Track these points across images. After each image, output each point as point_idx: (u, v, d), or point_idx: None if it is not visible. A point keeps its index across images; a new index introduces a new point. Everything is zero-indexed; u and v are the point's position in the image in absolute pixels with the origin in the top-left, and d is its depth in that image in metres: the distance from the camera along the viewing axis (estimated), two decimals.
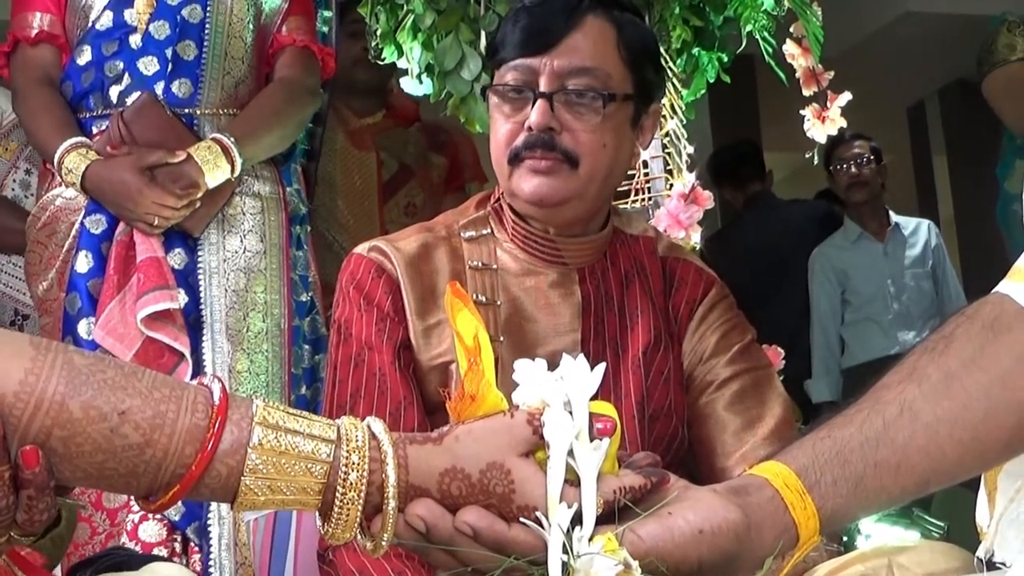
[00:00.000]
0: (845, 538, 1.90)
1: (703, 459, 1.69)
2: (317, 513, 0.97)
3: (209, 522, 2.29)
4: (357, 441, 0.95)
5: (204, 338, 2.36)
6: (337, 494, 0.94)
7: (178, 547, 2.24)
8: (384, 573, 1.49)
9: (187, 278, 2.37)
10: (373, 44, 2.54)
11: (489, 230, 1.73)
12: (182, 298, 2.33)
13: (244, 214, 2.46)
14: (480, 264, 1.70)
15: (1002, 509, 1.10)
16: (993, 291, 1.06)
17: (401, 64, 2.50)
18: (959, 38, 4.22)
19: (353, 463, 0.94)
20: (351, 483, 0.94)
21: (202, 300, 2.39)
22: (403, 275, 1.67)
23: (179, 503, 2.11)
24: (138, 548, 2.13)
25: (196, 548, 2.28)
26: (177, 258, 2.36)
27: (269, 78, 2.59)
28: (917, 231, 4.78)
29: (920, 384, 1.05)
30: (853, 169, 4.65)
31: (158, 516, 2.20)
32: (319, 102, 2.69)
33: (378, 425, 0.98)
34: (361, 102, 3.65)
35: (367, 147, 3.61)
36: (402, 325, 1.65)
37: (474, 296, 1.65)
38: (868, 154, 4.65)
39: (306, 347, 2.55)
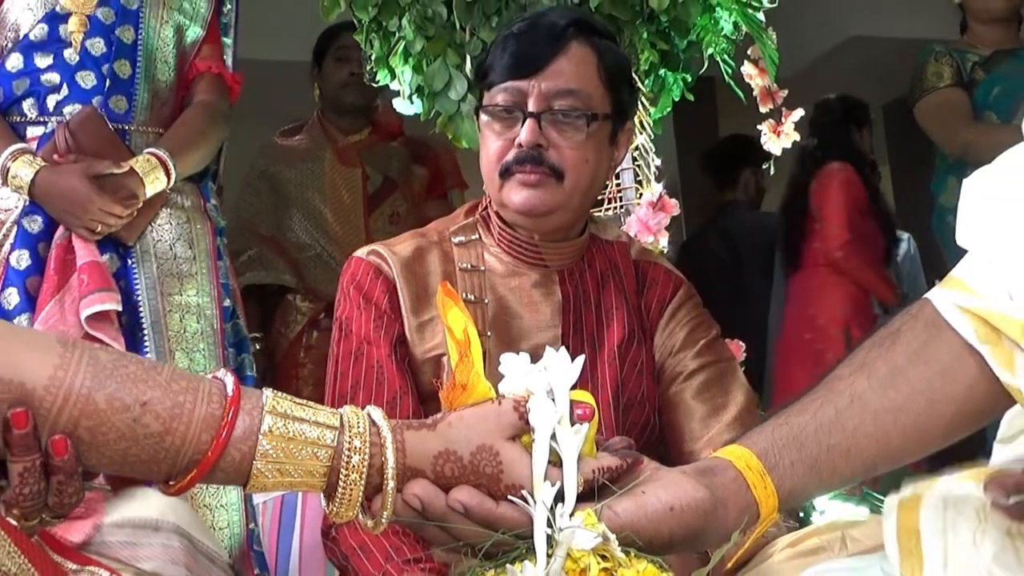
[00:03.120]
0: (801, 514, 1.91)
1: (672, 443, 1.70)
2: (322, 494, 0.96)
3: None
4: (359, 427, 0.95)
5: (146, 339, 2.31)
6: (341, 476, 0.94)
7: None
8: (382, 548, 1.48)
9: (119, 281, 2.31)
10: (368, 68, 2.53)
11: (477, 236, 1.74)
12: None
13: (171, 224, 2.41)
14: (469, 266, 1.70)
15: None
16: (930, 292, 1.07)
17: (393, 86, 2.50)
18: (900, 60, 4.22)
19: (355, 447, 0.94)
20: (354, 466, 0.94)
21: (140, 304, 2.34)
22: (399, 276, 1.67)
23: None
24: None
25: None
26: (110, 262, 2.30)
27: (185, 102, 2.55)
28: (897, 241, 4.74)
29: (869, 376, 1.06)
30: None
31: None
32: (227, 127, 2.66)
33: (377, 413, 0.98)
34: (349, 121, 3.65)
35: (353, 163, 3.61)
36: (398, 322, 1.65)
37: (463, 295, 1.65)
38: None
39: (231, 349, 2.52)
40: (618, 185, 2.48)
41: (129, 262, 2.35)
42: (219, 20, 2.64)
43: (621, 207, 2.48)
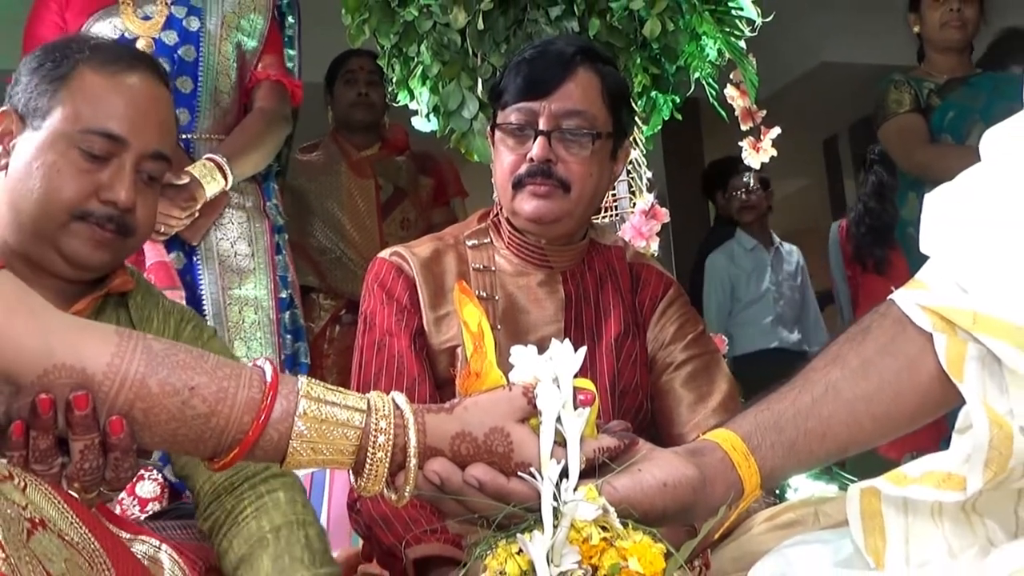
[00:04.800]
0: (778, 492, 1.91)
1: (663, 427, 1.69)
2: (350, 470, 0.96)
3: None
4: (384, 411, 0.95)
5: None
6: (368, 454, 0.94)
7: (166, 502, 2.18)
8: (402, 519, 1.49)
9: (184, 277, 2.33)
10: (389, 89, 2.53)
11: (489, 239, 1.74)
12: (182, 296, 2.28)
13: (233, 223, 2.43)
14: (481, 266, 1.71)
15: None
16: (895, 292, 1.07)
17: (412, 106, 2.50)
18: (866, 83, 4.22)
19: (381, 428, 0.94)
20: (380, 445, 0.94)
21: (203, 298, 2.35)
22: (418, 275, 1.67)
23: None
24: (135, 502, 2.08)
25: None
26: (176, 261, 2.32)
27: (248, 108, 2.55)
28: (792, 252, 4.77)
29: (842, 368, 1.06)
30: (746, 195, 4.66)
31: (153, 476, 2.11)
32: (291, 127, 2.66)
33: (401, 398, 0.97)
34: (360, 138, 3.67)
35: (367, 175, 3.62)
36: (417, 316, 1.65)
37: (476, 292, 1.65)
38: (756, 183, 4.63)
39: (287, 336, 2.52)
40: (614, 195, 2.48)
41: (194, 259, 2.37)
42: (282, 34, 2.66)
43: (617, 215, 2.48)
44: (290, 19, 2.69)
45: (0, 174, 1.42)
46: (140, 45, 2.39)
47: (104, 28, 2.42)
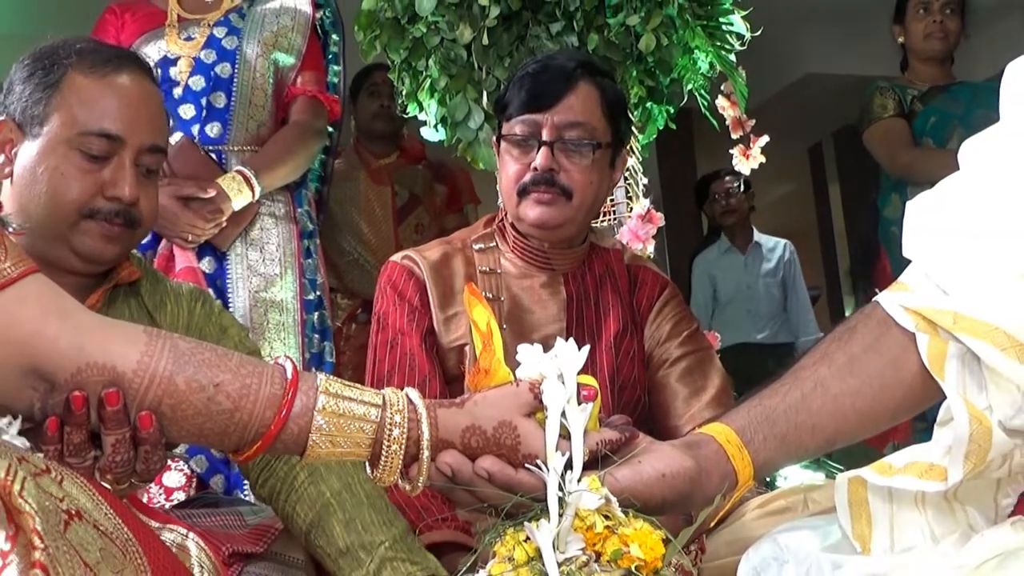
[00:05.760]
0: (768, 480, 1.91)
1: (659, 419, 1.69)
2: (367, 462, 0.96)
3: (244, 481, 2.23)
4: (399, 405, 0.95)
5: None
6: (383, 447, 0.94)
7: (192, 492, 2.18)
8: (415, 508, 1.48)
9: (215, 281, 2.34)
10: (399, 101, 2.53)
11: (495, 243, 1.74)
12: None
13: (263, 230, 2.43)
14: (488, 269, 1.70)
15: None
16: (880, 295, 1.07)
17: (421, 117, 2.49)
18: (849, 93, 4.21)
19: (396, 422, 0.94)
20: (394, 438, 0.94)
21: (230, 301, 2.36)
22: (428, 277, 1.67)
23: (204, 461, 2.11)
24: (162, 492, 2.08)
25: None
26: (208, 265, 2.32)
27: (285, 121, 2.55)
28: (775, 248, 4.74)
29: (830, 365, 1.05)
30: (725, 200, 4.68)
31: (180, 467, 2.12)
32: (325, 139, 2.65)
33: (415, 393, 0.98)
34: (380, 147, 3.68)
35: (384, 182, 3.63)
36: (427, 316, 1.65)
37: (483, 294, 1.65)
38: (739, 185, 4.64)
39: (315, 336, 2.52)
40: (612, 200, 2.47)
41: (224, 264, 2.37)
42: (325, 50, 2.66)
43: (615, 219, 2.48)
44: (334, 36, 2.69)
45: (5, 182, 1.42)
46: (180, 64, 2.42)
47: (150, 51, 2.45)
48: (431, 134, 2.48)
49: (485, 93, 2.29)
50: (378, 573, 1.26)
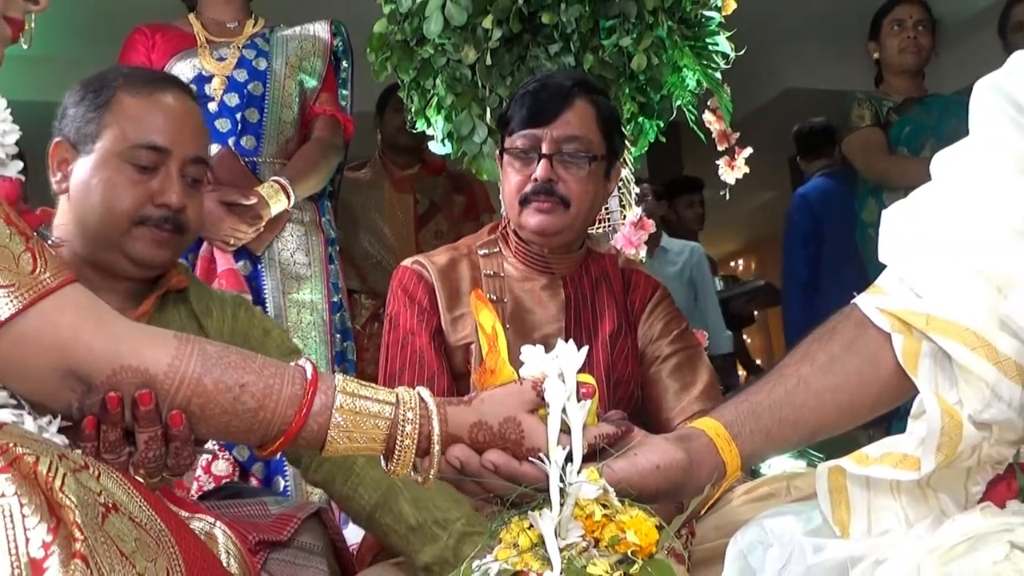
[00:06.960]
0: (753, 468, 1.90)
1: (651, 413, 1.69)
2: (382, 456, 0.97)
3: (286, 468, 2.24)
4: (411, 403, 0.95)
5: None
6: (397, 442, 0.94)
7: (236, 480, 2.18)
8: None
9: (251, 282, 2.35)
10: (408, 118, 2.53)
11: (498, 249, 1.74)
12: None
13: (292, 237, 2.46)
14: (492, 273, 1.70)
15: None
16: (858, 297, 1.07)
17: (428, 132, 2.50)
18: (828, 107, 4.21)
19: (408, 419, 0.94)
20: (407, 433, 0.94)
21: (266, 301, 2.37)
22: (436, 280, 1.67)
23: (247, 450, 2.12)
24: (211, 480, 2.10)
25: (259, 482, 2.21)
26: (243, 268, 2.35)
27: (306, 137, 2.59)
28: (682, 253, 4.59)
29: (811, 363, 1.05)
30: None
31: (227, 456, 2.14)
32: (342, 155, 2.69)
33: (425, 392, 0.98)
34: (403, 159, 3.69)
35: (406, 191, 3.65)
36: (436, 316, 1.65)
37: (487, 295, 1.65)
38: (649, 195, 4.43)
39: (337, 335, 2.54)
40: (607, 209, 2.47)
41: (259, 267, 2.40)
42: (337, 76, 2.70)
43: (609, 226, 2.48)
44: (344, 63, 2.73)
45: (62, 196, 1.45)
46: (215, 82, 2.45)
47: (184, 68, 2.47)
48: (438, 148, 2.48)
49: (488, 109, 2.29)
50: (459, 546, 1.28)
